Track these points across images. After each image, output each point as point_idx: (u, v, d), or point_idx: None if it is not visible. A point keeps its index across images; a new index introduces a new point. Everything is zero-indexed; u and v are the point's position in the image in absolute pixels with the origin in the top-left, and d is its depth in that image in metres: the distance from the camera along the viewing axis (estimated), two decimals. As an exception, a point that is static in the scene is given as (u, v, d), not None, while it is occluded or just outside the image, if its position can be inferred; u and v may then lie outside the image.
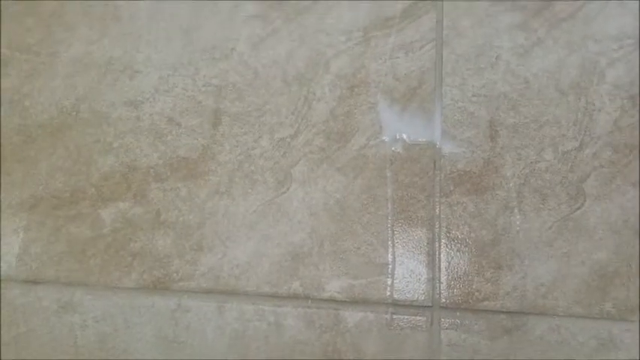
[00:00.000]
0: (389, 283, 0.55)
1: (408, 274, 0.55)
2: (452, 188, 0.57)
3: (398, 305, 0.54)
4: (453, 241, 0.56)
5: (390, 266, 0.55)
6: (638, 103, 0.58)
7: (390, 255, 0.55)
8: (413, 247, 0.56)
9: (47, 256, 0.57)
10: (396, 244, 0.56)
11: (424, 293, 0.54)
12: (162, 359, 0.53)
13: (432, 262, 0.55)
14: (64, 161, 0.60)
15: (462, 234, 0.56)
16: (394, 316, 0.54)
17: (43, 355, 0.54)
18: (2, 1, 0.65)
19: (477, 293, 0.54)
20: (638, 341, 0.51)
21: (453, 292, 0.54)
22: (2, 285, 0.56)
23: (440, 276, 0.55)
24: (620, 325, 0.52)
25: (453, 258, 0.55)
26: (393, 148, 0.59)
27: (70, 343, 0.54)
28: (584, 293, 0.53)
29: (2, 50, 0.65)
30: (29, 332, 0.55)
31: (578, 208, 0.56)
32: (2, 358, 0.51)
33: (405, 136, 0.59)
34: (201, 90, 0.63)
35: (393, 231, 0.56)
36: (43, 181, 0.60)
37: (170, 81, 0.63)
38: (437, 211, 0.57)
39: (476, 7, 0.63)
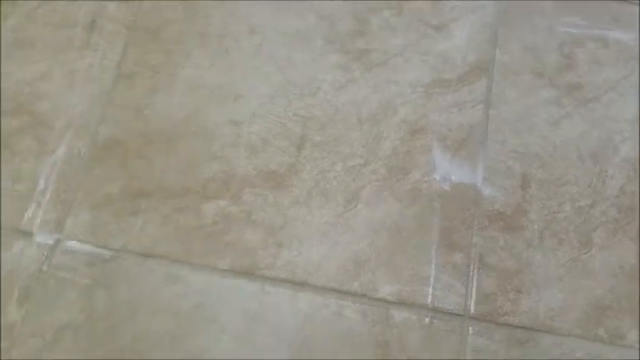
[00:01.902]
0: (430, 292, 0.70)
1: (446, 287, 0.70)
2: (487, 224, 0.73)
3: (436, 311, 0.69)
4: (485, 266, 0.71)
5: (432, 279, 0.70)
6: (638, 174, 0.73)
7: (433, 270, 0.71)
8: (451, 267, 0.71)
9: (158, 236, 0.72)
10: (438, 263, 0.71)
11: (458, 304, 0.69)
12: (245, 329, 0.68)
13: (466, 281, 0.70)
14: (176, 162, 0.75)
15: (492, 261, 0.71)
16: (432, 320, 0.69)
17: (151, 315, 0.68)
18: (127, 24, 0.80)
19: (500, 309, 0.69)
20: None
21: (481, 307, 0.69)
22: (121, 255, 0.70)
23: (472, 292, 0.69)
24: (610, 348, 0.67)
25: (483, 279, 0.70)
26: (442, 186, 0.74)
27: (173, 309, 0.68)
28: (583, 320, 0.68)
29: (130, 66, 0.80)
30: (141, 295, 0.69)
31: (586, 253, 0.71)
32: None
33: (453, 177, 0.75)
34: (290, 118, 0.78)
35: (436, 252, 0.71)
36: (158, 176, 0.75)
37: (266, 108, 0.79)
38: (473, 240, 0.72)
39: (520, 80, 0.80)
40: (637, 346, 0.67)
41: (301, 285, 0.69)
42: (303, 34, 0.82)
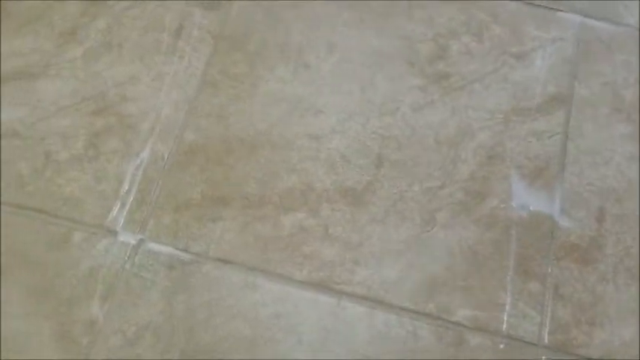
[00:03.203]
0: (505, 319, 0.70)
1: (521, 315, 0.70)
2: (563, 255, 0.73)
3: (510, 338, 0.69)
4: (559, 296, 0.71)
5: (508, 306, 0.71)
6: None
7: (508, 297, 0.71)
8: (527, 295, 0.71)
9: (237, 243, 0.73)
10: (514, 290, 0.71)
11: (532, 333, 0.70)
12: (320, 342, 0.69)
13: (541, 310, 0.70)
14: (256, 172, 0.77)
15: (567, 292, 0.71)
16: (506, 347, 0.69)
17: (229, 320, 0.69)
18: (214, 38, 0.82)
19: (573, 340, 0.69)
20: None
21: (555, 337, 0.70)
22: (200, 259, 0.72)
23: (546, 322, 0.70)
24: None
25: (557, 310, 0.71)
26: (519, 213, 0.75)
27: (251, 316, 0.70)
28: (658, 358, 0.69)
29: (214, 75, 0.82)
30: (219, 300, 0.70)
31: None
32: None
33: (530, 206, 0.75)
34: (369, 136, 0.79)
35: (512, 279, 0.72)
36: (238, 184, 0.76)
37: (345, 124, 0.80)
38: (549, 270, 0.72)
39: (598, 114, 0.80)
40: None
41: (377, 302, 0.70)
42: (382, 54, 0.83)
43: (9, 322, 0.67)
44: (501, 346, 0.68)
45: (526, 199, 0.75)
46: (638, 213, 0.74)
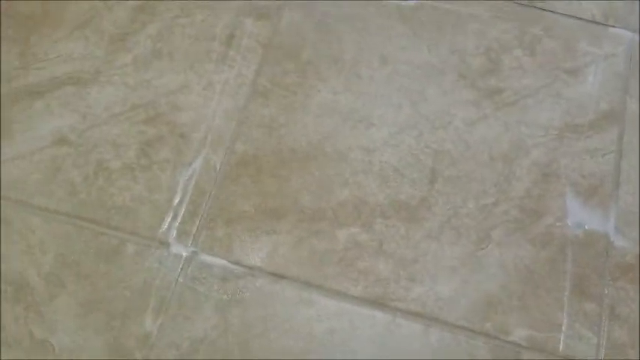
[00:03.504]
0: (562, 339, 0.69)
1: (577, 336, 0.70)
2: (618, 275, 0.72)
3: (567, 359, 0.69)
4: (616, 317, 0.70)
5: (564, 327, 0.70)
6: None
7: (565, 318, 0.70)
8: (583, 316, 0.70)
9: (291, 257, 0.72)
10: (570, 311, 0.71)
11: (589, 354, 0.69)
12: (375, 358, 0.68)
13: (598, 331, 0.70)
14: (309, 184, 0.76)
15: (624, 313, 0.71)
16: None
17: (284, 335, 0.69)
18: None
19: None
20: None
21: (612, 358, 0.69)
22: (254, 273, 0.71)
23: (603, 343, 0.69)
24: None
25: (614, 331, 0.70)
26: (574, 232, 0.74)
27: (306, 331, 0.69)
28: None
29: (264, 84, 0.81)
30: (274, 315, 0.70)
31: None
32: None
33: (585, 225, 0.75)
34: (422, 150, 0.78)
35: (568, 299, 0.71)
36: (292, 196, 0.75)
37: (398, 137, 0.79)
38: (605, 290, 0.72)
39: (654, 132, 0.79)
40: None
41: (432, 320, 0.69)
42: (434, 67, 0.83)
43: (62, 334, 0.66)
44: (559, 367, 0.67)
45: (581, 218, 0.74)
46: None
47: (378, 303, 0.69)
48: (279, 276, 0.70)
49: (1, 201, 0.71)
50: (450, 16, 0.86)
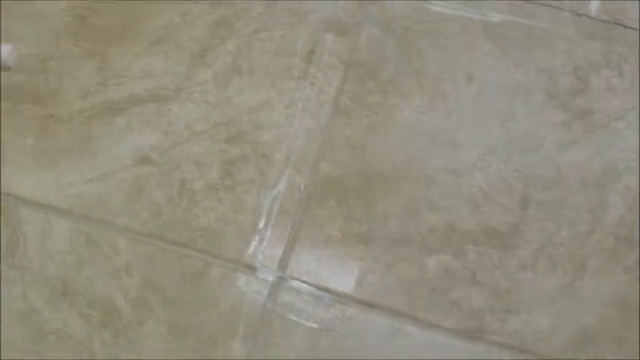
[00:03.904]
0: (666, 378, 0.66)
1: (682, 374, 0.66)
2: None
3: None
4: None
5: (668, 364, 0.67)
6: None
7: (668, 354, 0.67)
8: (687, 353, 0.67)
9: (381, 285, 0.70)
10: (674, 347, 0.67)
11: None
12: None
13: None
14: (396, 208, 0.73)
15: None
16: None
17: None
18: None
19: None
20: None
21: None
22: (344, 301, 0.69)
23: None
24: None
25: None
26: (674, 263, 0.71)
27: (400, 364, 0.66)
28: None
29: (346, 103, 0.79)
30: (366, 347, 0.67)
31: None
32: None
33: (685, 256, 0.71)
34: (512, 174, 0.75)
35: (671, 334, 0.68)
36: (379, 221, 0.73)
37: (486, 160, 0.76)
38: None
39: None
40: None
41: (529, 353, 0.66)
42: (522, 86, 0.80)
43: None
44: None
45: (681, 248, 0.71)
46: None
47: (473, 336, 0.67)
48: (369, 305, 0.68)
49: (85, 221, 0.70)
50: (535, 32, 0.83)
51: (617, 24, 0.85)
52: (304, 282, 0.69)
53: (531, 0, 0.84)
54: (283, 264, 0.70)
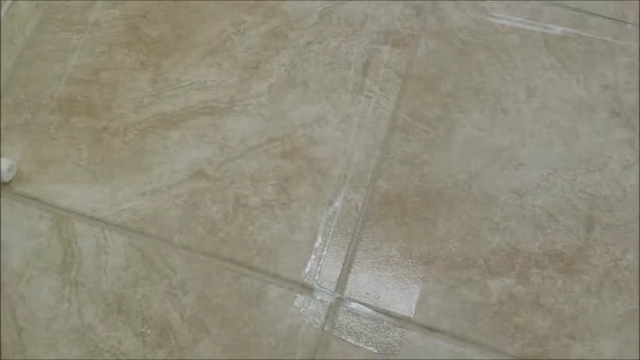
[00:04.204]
0: None
1: None
2: None
3: None
4: None
5: None
6: None
7: None
8: None
9: (443, 308, 0.68)
10: None
11: None
12: None
13: None
14: (457, 229, 0.71)
15: None
16: None
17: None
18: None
19: None
20: None
21: None
22: (404, 324, 0.67)
23: None
24: None
25: None
26: None
27: (464, 392, 0.64)
28: None
29: (404, 118, 0.77)
30: (429, 373, 0.65)
31: None
32: None
33: None
34: (577, 195, 0.73)
35: None
36: (439, 241, 0.71)
37: (550, 180, 0.74)
38: None
39: None
40: None
41: (597, 384, 0.64)
42: (585, 103, 0.77)
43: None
44: None
45: None
46: None
47: (538, 363, 0.64)
48: (430, 329, 0.66)
49: (141, 237, 0.69)
50: (597, 46, 0.80)
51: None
52: (363, 304, 0.67)
53: (594, 14, 0.81)
54: (341, 285, 0.68)
